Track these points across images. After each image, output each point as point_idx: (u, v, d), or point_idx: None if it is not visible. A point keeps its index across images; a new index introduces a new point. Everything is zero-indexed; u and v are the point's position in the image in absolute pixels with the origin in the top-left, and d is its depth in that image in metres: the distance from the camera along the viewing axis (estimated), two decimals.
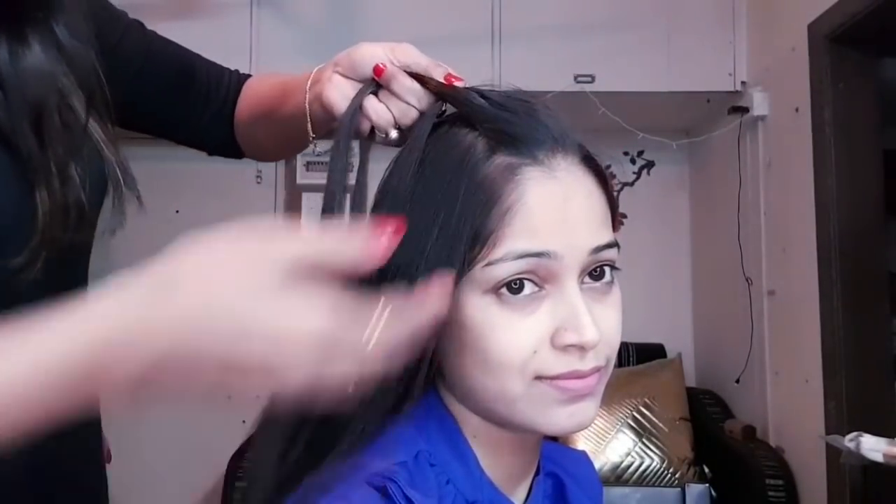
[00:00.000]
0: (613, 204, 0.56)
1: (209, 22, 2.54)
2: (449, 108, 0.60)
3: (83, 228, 0.63)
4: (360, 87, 0.63)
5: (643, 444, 2.46)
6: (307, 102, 0.68)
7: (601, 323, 0.51)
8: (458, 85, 0.59)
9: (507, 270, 0.50)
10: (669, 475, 2.42)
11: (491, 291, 0.51)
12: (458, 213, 0.51)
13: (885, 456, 1.30)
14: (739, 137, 2.52)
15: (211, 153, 0.90)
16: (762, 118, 2.42)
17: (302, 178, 2.80)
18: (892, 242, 2.13)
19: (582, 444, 2.44)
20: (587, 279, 0.53)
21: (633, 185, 3.14)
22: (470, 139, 0.53)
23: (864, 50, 2.03)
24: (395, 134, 0.60)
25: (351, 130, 0.60)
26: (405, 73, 0.60)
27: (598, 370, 0.52)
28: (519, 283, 0.50)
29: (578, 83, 2.47)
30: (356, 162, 0.59)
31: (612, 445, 2.46)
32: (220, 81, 0.86)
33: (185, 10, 2.52)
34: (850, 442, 1.35)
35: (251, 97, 0.84)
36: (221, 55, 0.88)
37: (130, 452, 2.59)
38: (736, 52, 2.55)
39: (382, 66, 0.60)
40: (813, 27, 2.08)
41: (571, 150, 0.53)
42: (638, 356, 2.74)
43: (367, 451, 0.52)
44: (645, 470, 2.43)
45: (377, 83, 0.61)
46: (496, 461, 0.56)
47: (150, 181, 0.78)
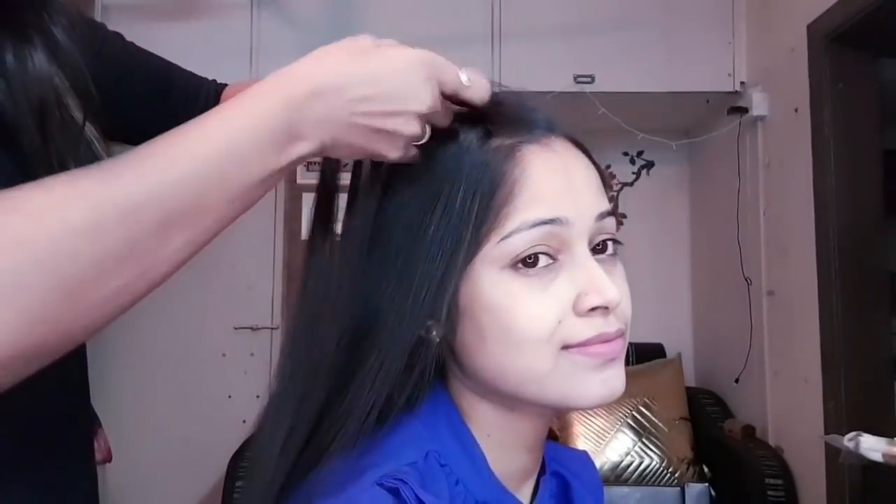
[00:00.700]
0: (606, 182, 0.57)
1: (209, 22, 2.54)
2: None
3: None
4: None
5: (643, 443, 2.46)
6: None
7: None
8: None
9: (522, 241, 0.50)
10: (669, 475, 2.42)
11: (508, 267, 0.51)
12: (461, 195, 0.51)
13: (884, 455, 1.30)
14: (739, 138, 2.52)
15: None
16: (761, 118, 2.42)
17: (302, 178, 2.80)
18: (891, 242, 2.14)
19: (582, 443, 2.44)
20: (592, 253, 0.54)
21: (632, 185, 3.14)
22: (465, 128, 0.54)
23: (863, 50, 2.04)
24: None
25: None
26: None
27: (622, 333, 0.53)
28: (533, 257, 0.51)
29: (578, 83, 2.47)
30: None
31: (611, 445, 2.46)
32: (198, 91, 0.86)
33: (185, 10, 2.52)
34: (849, 441, 1.35)
35: None
36: (221, 55, 0.89)
37: (130, 452, 2.59)
38: (735, 52, 2.55)
39: None
40: (812, 27, 2.09)
41: (561, 132, 0.56)
42: (637, 356, 2.74)
43: (374, 450, 0.51)
44: (644, 469, 2.43)
45: None
46: (506, 459, 0.56)
47: None
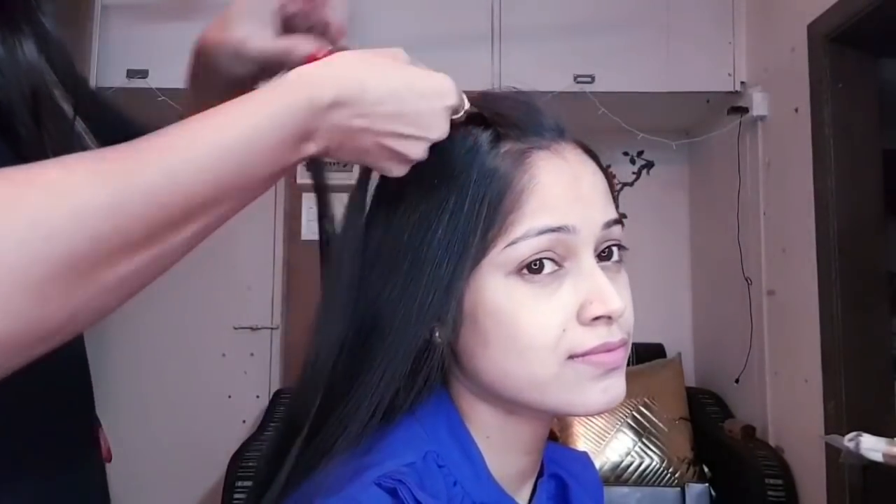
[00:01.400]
0: (612, 186, 0.58)
1: (210, 22, 2.53)
2: None
3: None
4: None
5: (643, 443, 2.46)
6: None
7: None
8: None
9: (529, 248, 0.51)
10: (669, 475, 2.42)
11: (514, 273, 0.51)
12: (469, 199, 0.51)
13: (884, 456, 1.30)
14: (739, 137, 2.52)
15: None
16: (762, 118, 2.42)
17: (302, 177, 2.80)
18: (891, 242, 2.14)
19: (582, 443, 2.44)
20: (598, 260, 0.54)
21: (632, 185, 3.14)
22: (475, 132, 0.54)
23: (863, 50, 2.03)
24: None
25: None
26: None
27: (624, 343, 0.53)
28: (539, 263, 0.51)
29: (578, 83, 2.47)
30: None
31: (611, 445, 2.46)
32: None
33: (185, 10, 2.52)
34: (849, 442, 1.35)
35: None
36: None
37: (130, 452, 2.59)
38: (735, 52, 2.55)
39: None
40: (812, 27, 2.09)
41: (570, 136, 0.56)
42: (638, 356, 2.74)
43: (373, 450, 0.51)
44: (645, 470, 2.43)
45: None
46: (505, 461, 0.56)
47: None
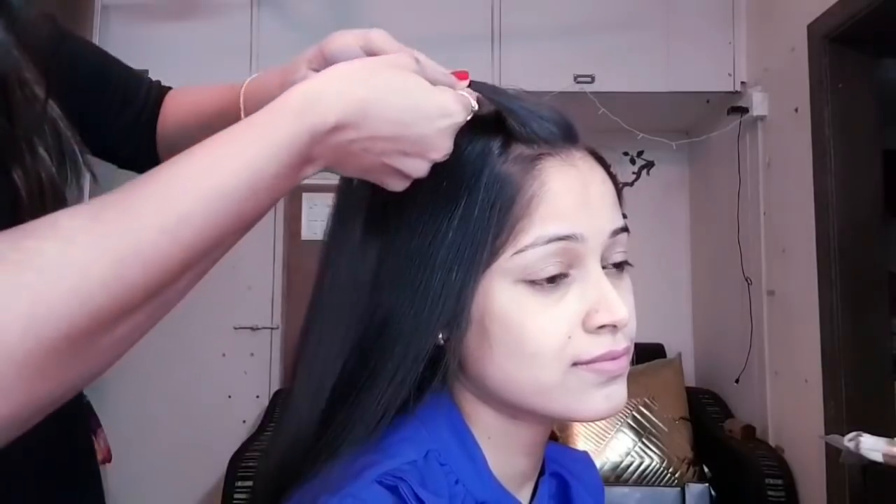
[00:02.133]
0: (620, 192, 0.58)
1: (210, 22, 2.54)
2: None
3: (59, 207, 0.61)
4: None
5: (643, 443, 2.46)
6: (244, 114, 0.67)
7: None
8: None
9: (536, 256, 0.51)
10: (669, 475, 2.42)
11: (522, 279, 0.51)
12: (479, 205, 0.51)
13: (884, 456, 1.30)
14: (739, 137, 2.53)
15: (121, 165, 0.82)
16: (761, 118, 2.42)
17: None
18: (891, 242, 2.14)
19: (582, 443, 2.44)
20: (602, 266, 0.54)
21: (632, 185, 3.13)
22: (485, 136, 0.54)
23: (863, 50, 2.04)
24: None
25: None
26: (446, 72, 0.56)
27: (628, 350, 0.54)
28: (546, 270, 0.51)
29: (578, 83, 2.47)
30: None
31: (611, 445, 2.46)
32: (138, 88, 0.80)
33: (185, 10, 2.52)
34: (849, 441, 1.35)
35: (182, 108, 0.79)
36: (221, 55, 0.87)
37: (130, 452, 2.59)
38: (735, 52, 2.55)
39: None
40: (812, 27, 2.09)
41: (581, 142, 0.56)
42: (638, 356, 2.71)
43: (375, 448, 0.51)
44: (645, 469, 2.43)
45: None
46: (506, 461, 0.56)
47: None
